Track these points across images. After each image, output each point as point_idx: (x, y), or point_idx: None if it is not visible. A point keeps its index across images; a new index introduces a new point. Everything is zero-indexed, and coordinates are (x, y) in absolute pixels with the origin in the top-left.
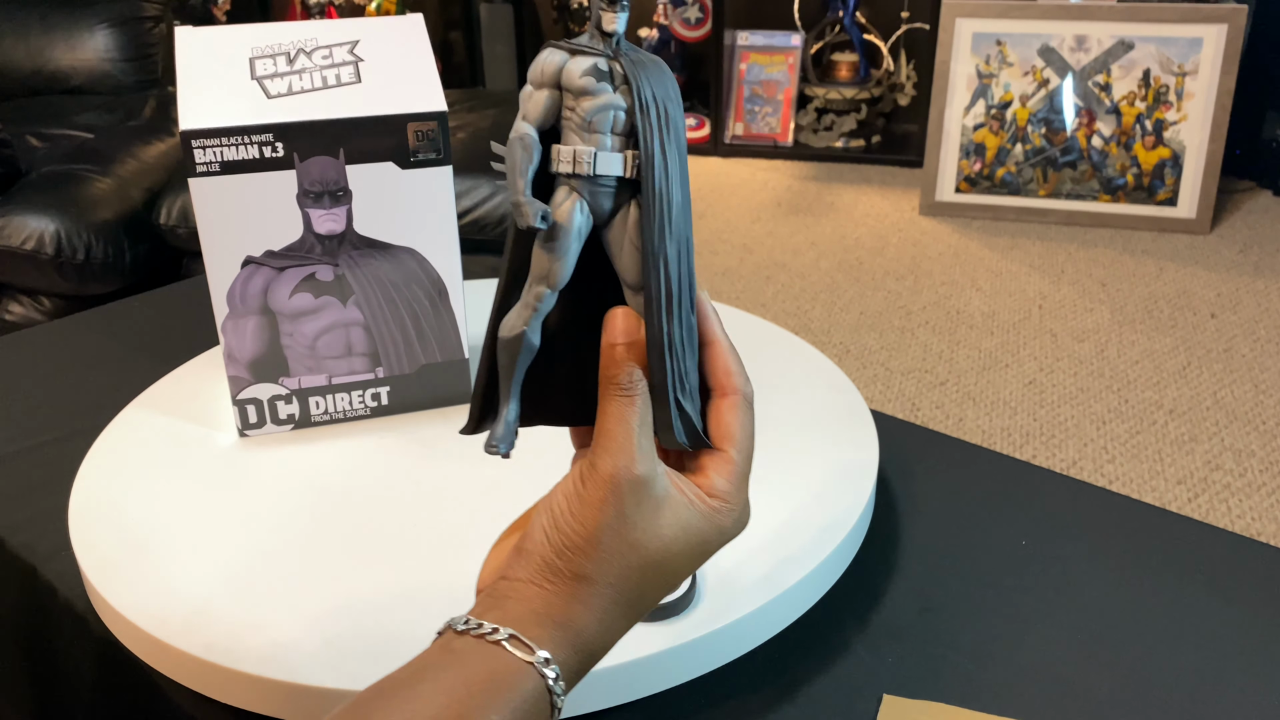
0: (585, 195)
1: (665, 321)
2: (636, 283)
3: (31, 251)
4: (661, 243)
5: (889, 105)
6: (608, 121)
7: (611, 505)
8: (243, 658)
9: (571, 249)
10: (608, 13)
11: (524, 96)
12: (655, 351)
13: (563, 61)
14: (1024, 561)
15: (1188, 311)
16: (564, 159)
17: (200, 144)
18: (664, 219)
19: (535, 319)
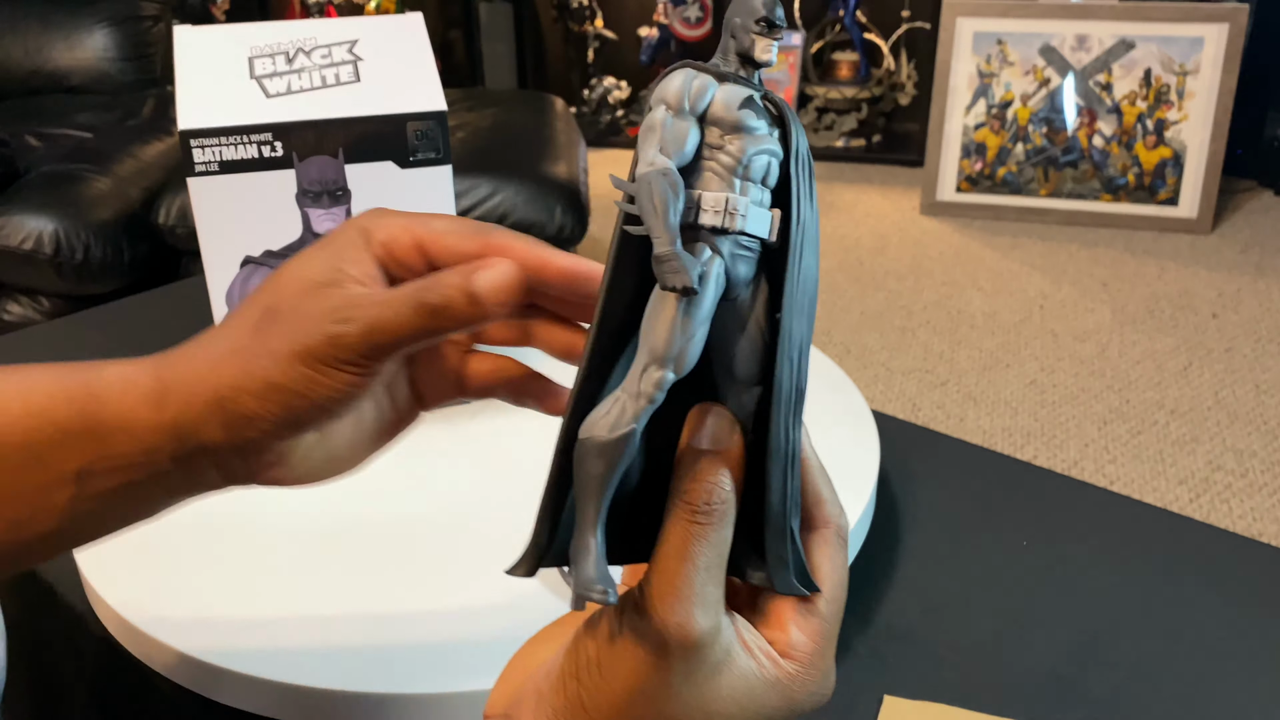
0: (725, 257)
1: (791, 426)
2: (751, 375)
3: (30, 251)
4: (800, 325)
5: (890, 104)
6: (763, 169)
7: (653, 669)
8: (243, 658)
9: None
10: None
11: (654, 125)
12: (778, 465)
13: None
14: (1025, 562)
15: (1189, 311)
16: (712, 207)
17: (199, 143)
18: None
19: (648, 412)
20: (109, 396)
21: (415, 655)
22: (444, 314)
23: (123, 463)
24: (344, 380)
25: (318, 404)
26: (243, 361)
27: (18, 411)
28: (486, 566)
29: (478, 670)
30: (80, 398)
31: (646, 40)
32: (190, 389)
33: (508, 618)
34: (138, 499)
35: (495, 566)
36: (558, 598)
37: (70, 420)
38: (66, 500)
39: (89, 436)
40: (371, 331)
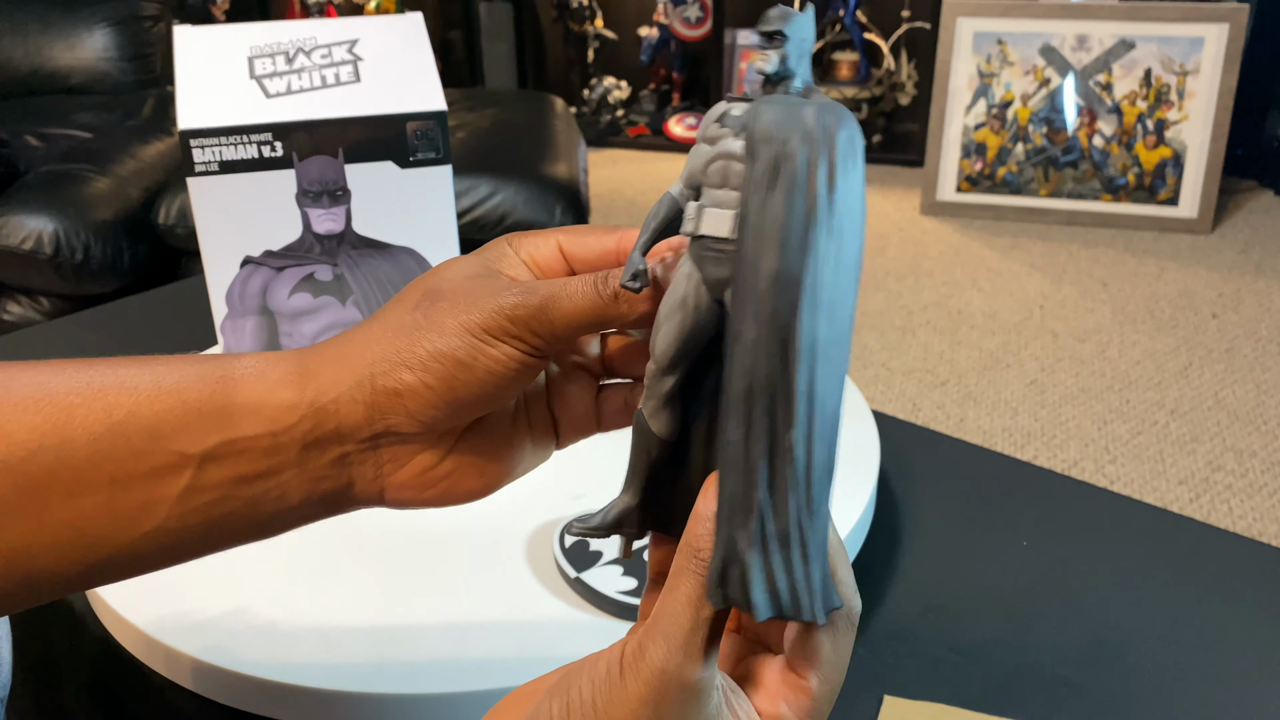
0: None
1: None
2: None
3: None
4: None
5: (890, 104)
6: (719, 173)
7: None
8: (242, 658)
9: (674, 319)
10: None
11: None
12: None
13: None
14: (1025, 562)
15: (1189, 311)
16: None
17: (199, 143)
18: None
19: (648, 400)
20: (245, 378)
21: (415, 655)
22: (625, 298)
23: (249, 445)
24: (510, 355)
25: (479, 378)
26: (403, 336)
27: (148, 390)
28: (487, 566)
29: (478, 671)
30: (214, 379)
31: (646, 40)
32: (337, 367)
33: (508, 618)
34: (252, 500)
35: (496, 566)
36: (558, 598)
37: (202, 400)
38: (180, 490)
39: (219, 416)
40: (548, 306)
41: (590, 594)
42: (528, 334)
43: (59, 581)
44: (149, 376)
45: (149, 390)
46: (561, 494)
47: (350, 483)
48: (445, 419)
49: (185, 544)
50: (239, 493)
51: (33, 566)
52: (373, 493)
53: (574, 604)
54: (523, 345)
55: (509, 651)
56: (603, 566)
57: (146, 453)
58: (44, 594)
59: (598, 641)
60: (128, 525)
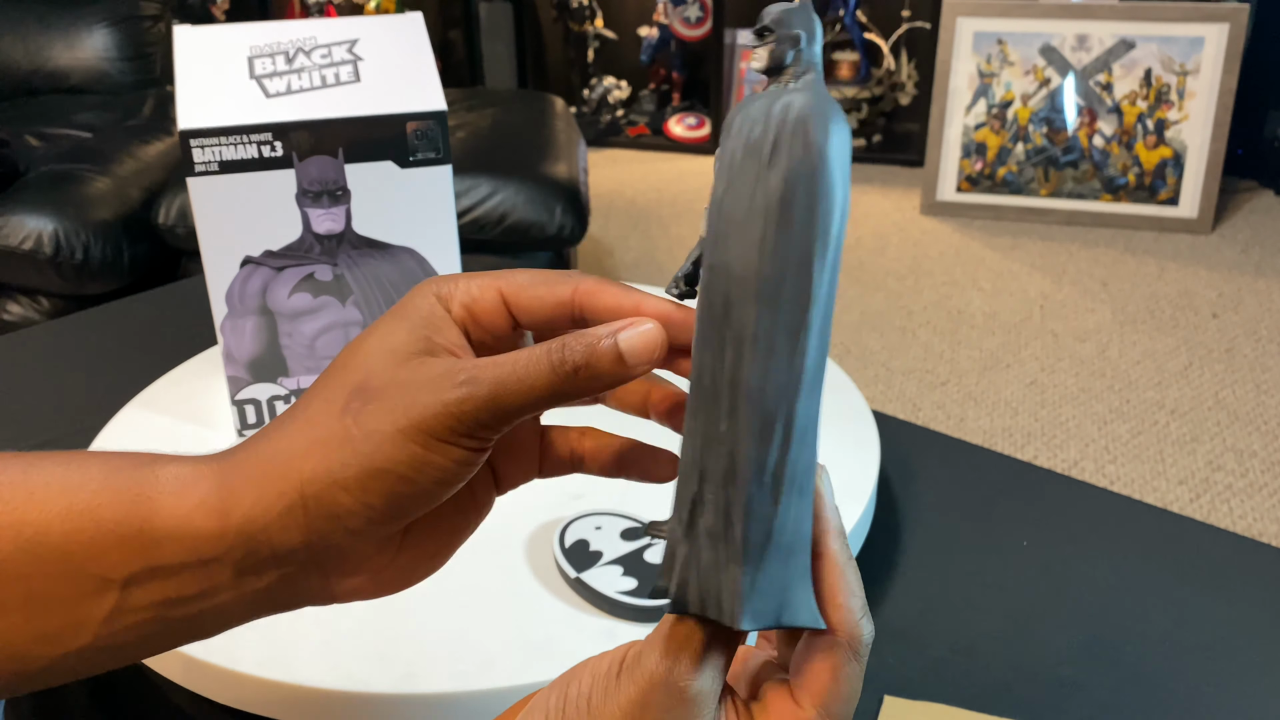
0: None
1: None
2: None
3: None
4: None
5: (890, 104)
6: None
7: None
8: (242, 658)
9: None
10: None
11: None
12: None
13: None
14: (1025, 562)
15: (1189, 311)
16: None
17: (199, 143)
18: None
19: None
20: (162, 497)
21: (415, 655)
22: (587, 372)
23: (174, 574)
24: (459, 456)
25: (424, 488)
26: (334, 450)
27: (59, 509)
28: (487, 566)
29: (478, 671)
30: (130, 498)
31: (646, 40)
32: (263, 490)
33: (508, 618)
34: (187, 619)
35: (496, 566)
36: (558, 598)
37: (117, 521)
38: (106, 613)
39: (137, 540)
40: (499, 395)
41: (590, 594)
42: (477, 429)
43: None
44: (58, 489)
45: (59, 509)
46: (562, 494)
47: (294, 594)
48: (392, 530)
49: (123, 655)
50: (172, 613)
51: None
52: (323, 599)
53: (574, 604)
54: (472, 442)
55: (509, 651)
56: (603, 566)
57: (61, 575)
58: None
59: (597, 641)
60: (53, 645)
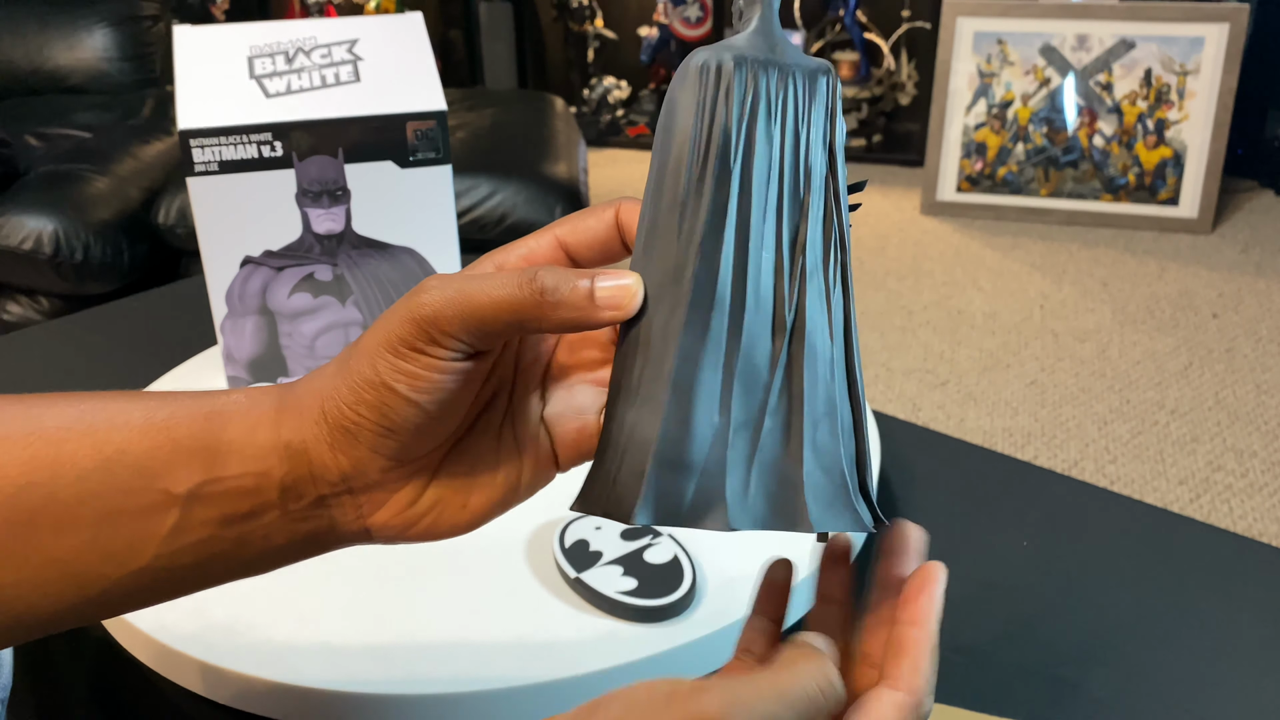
0: None
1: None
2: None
3: (30, 251)
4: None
5: (890, 104)
6: None
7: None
8: (243, 658)
9: None
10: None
11: None
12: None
13: None
14: (1025, 562)
15: (1189, 311)
16: None
17: (199, 143)
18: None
19: None
20: (232, 415)
21: (415, 656)
22: (553, 297)
23: (232, 486)
24: (430, 364)
25: (406, 397)
26: (340, 370)
27: (139, 425)
28: (487, 566)
29: (478, 671)
30: (203, 415)
31: (646, 40)
32: (306, 405)
33: (508, 618)
34: (238, 540)
35: (496, 566)
36: (558, 598)
37: (190, 437)
38: (168, 529)
39: (205, 455)
40: (462, 303)
41: (590, 594)
42: (444, 338)
43: (47, 620)
44: (139, 412)
45: (139, 426)
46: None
47: (332, 525)
48: (400, 450)
49: (175, 582)
50: (225, 533)
51: (21, 605)
52: (356, 532)
53: (574, 604)
54: (440, 351)
55: (509, 652)
56: (603, 566)
57: (134, 490)
58: (34, 631)
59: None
60: (116, 563)
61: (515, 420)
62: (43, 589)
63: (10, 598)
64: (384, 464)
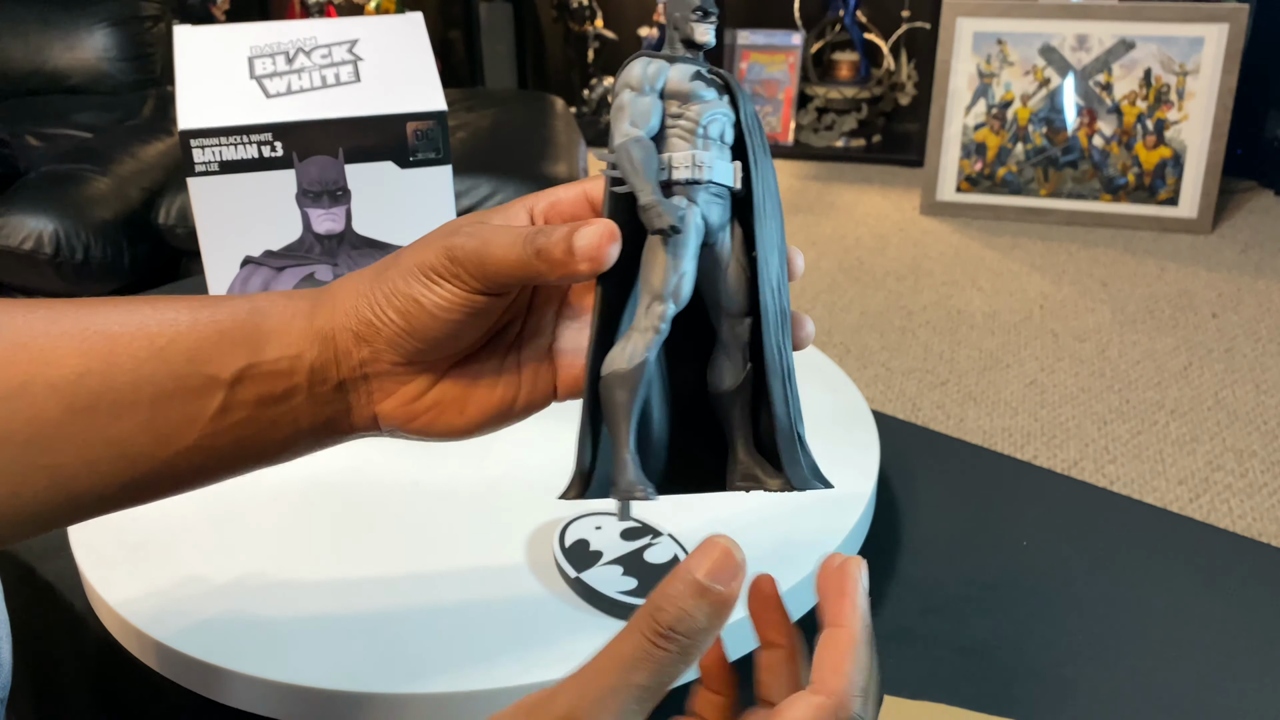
0: (700, 204)
1: (782, 344)
2: (741, 308)
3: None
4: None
5: (890, 104)
6: (720, 129)
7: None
8: (243, 658)
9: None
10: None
11: (623, 104)
12: (776, 379)
13: (663, 68)
14: (1024, 562)
15: (1189, 311)
16: (681, 164)
17: (199, 143)
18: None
19: (657, 342)
20: (271, 310)
21: (415, 655)
22: (545, 258)
23: (270, 369)
24: (453, 295)
25: (431, 314)
26: (376, 276)
27: (188, 322)
28: (487, 566)
29: (478, 670)
30: (246, 310)
31: (646, 40)
32: (340, 299)
33: (508, 618)
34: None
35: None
36: (558, 598)
37: (236, 327)
38: (214, 409)
39: (248, 343)
40: (481, 252)
41: (590, 594)
42: (465, 276)
43: (99, 499)
44: (186, 310)
45: (188, 321)
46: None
47: (348, 409)
48: (415, 352)
49: (214, 463)
50: (261, 414)
51: (76, 485)
52: (367, 417)
53: (574, 604)
54: (461, 285)
55: (509, 651)
56: (603, 566)
57: (185, 375)
58: (85, 512)
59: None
60: (166, 443)
61: (523, 346)
62: (98, 468)
63: (69, 477)
64: (396, 358)
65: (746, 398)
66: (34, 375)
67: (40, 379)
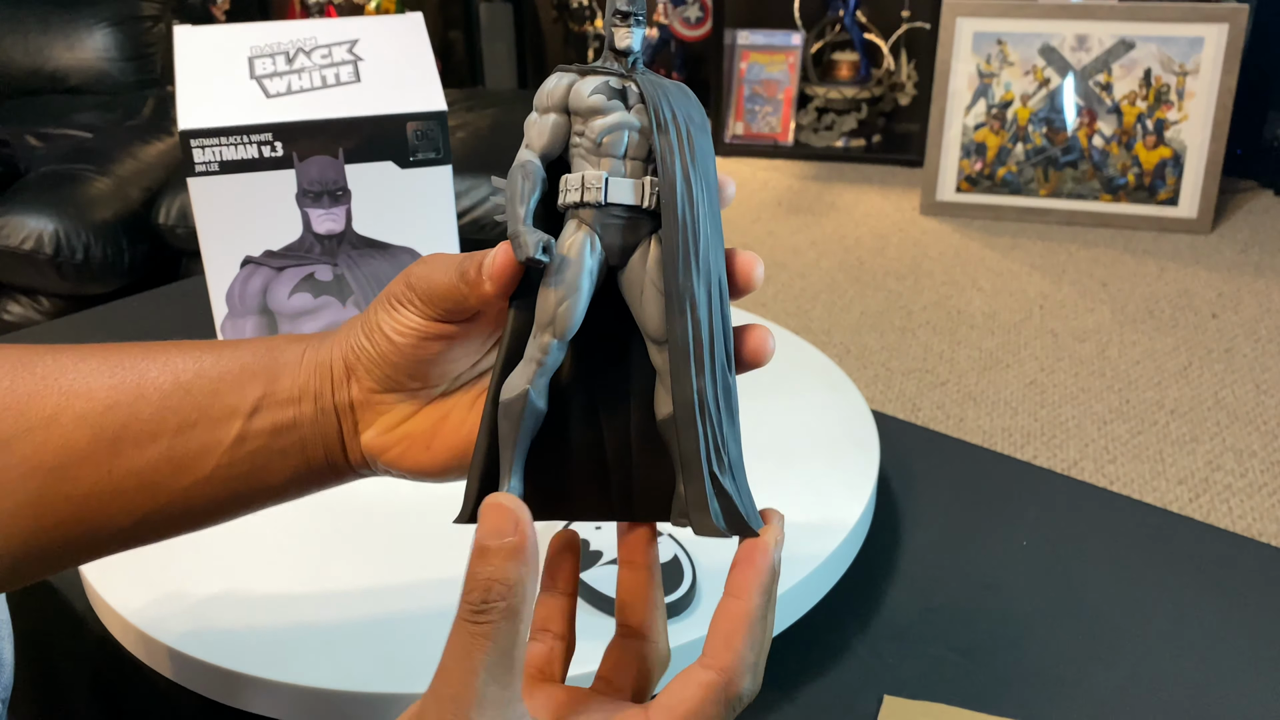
0: (596, 228)
1: (695, 376)
2: (660, 334)
3: (30, 251)
4: (687, 280)
5: (890, 104)
6: (620, 143)
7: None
8: (243, 658)
9: (582, 290)
10: (620, 28)
11: (528, 124)
12: (685, 413)
13: (570, 82)
14: (1024, 562)
15: (1189, 311)
16: (571, 187)
17: (199, 143)
18: (690, 252)
19: (540, 376)
20: (287, 347)
21: (416, 654)
22: (465, 279)
23: (282, 397)
24: (408, 321)
25: (391, 341)
26: (364, 311)
27: (211, 359)
28: None
29: None
30: (265, 346)
31: (646, 40)
32: (336, 335)
33: None
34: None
35: None
36: None
37: (255, 361)
38: (232, 438)
39: (265, 375)
40: (428, 278)
41: (590, 594)
42: (419, 302)
43: (117, 532)
44: (209, 348)
45: (212, 360)
46: None
47: (342, 439)
48: (387, 379)
49: (226, 496)
50: (272, 443)
51: (97, 516)
52: (356, 449)
53: None
54: (416, 311)
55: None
56: (603, 566)
57: (207, 406)
58: (102, 546)
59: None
60: (184, 472)
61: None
62: (120, 499)
63: (91, 508)
64: (374, 386)
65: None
66: (64, 407)
67: (70, 410)
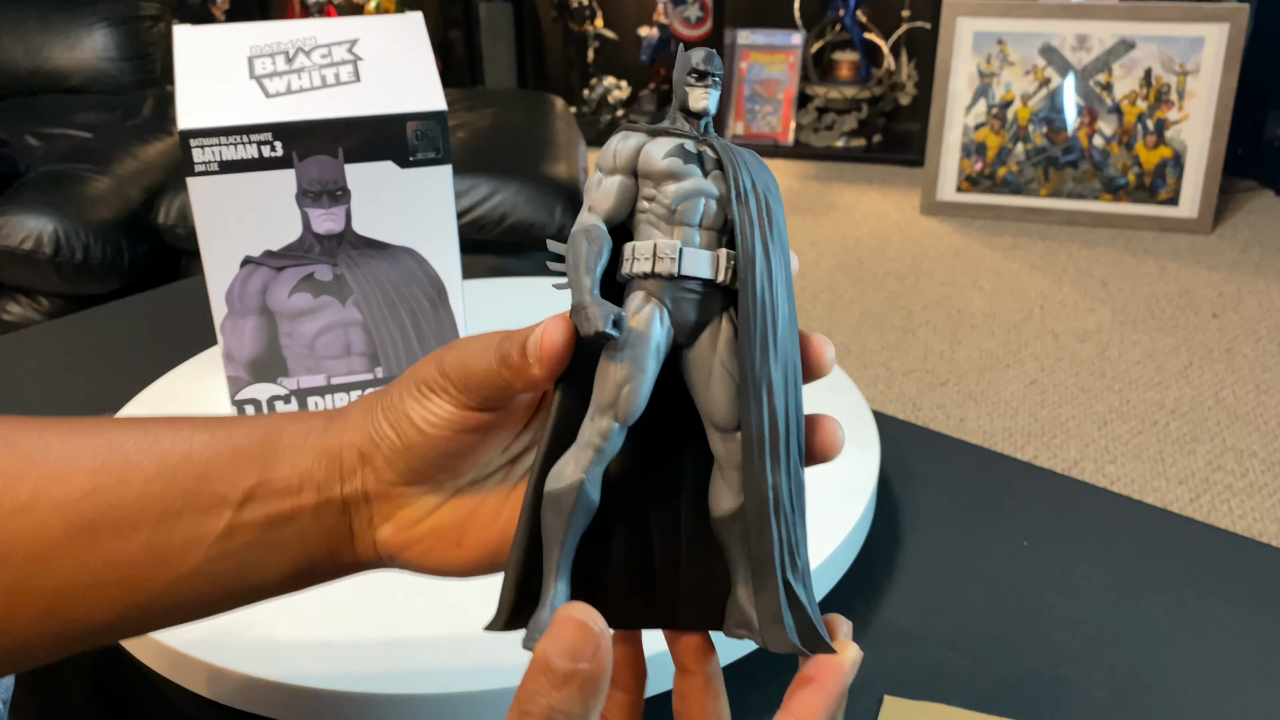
0: (667, 302)
1: (770, 471)
2: (728, 422)
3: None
4: (764, 365)
5: (890, 104)
6: (696, 211)
7: None
8: (243, 658)
9: (649, 369)
10: (696, 89)
11: (590, 186)
12: (759, 510)
13: (640, 143)
14: (1024, 562)
15: (1189, 311)
16: (641, 255)
17: (199, 143)
18: (768, 335)
19: (596, 464)
20: (288, 428)
21: (416, 656)
22: (507, 364)
23: (280, 486)
24: (441, 409)
25: (420, 430)
26: (385, 391)
27: (202, 440)
28: None
29: (478, 671)
30: (263, 426)
31: (646, 40)
32: (347, 418)
33: None
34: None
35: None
36: None
37: (250, 444)
38: (219, 530)
39: (261, 460)
40: (463, 364)
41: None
42: (454, 390)
43: (94, 628)
44: (203, 426)
45: (203, 441)
46: None
47: (350, 534)
48: (410, 471)
49: (215, 592)
50: (267, 537)
51: (72, 611)
52: (368, 544)
53: None
54: (450, 400)
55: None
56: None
57: (193, 493)
58: (78, 641)
59: None
60: (167, 566)
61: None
62: (94, 594)
63: (65, 601)
64: (394, 478)
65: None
66: (41, 493)
67: (46, 496)
